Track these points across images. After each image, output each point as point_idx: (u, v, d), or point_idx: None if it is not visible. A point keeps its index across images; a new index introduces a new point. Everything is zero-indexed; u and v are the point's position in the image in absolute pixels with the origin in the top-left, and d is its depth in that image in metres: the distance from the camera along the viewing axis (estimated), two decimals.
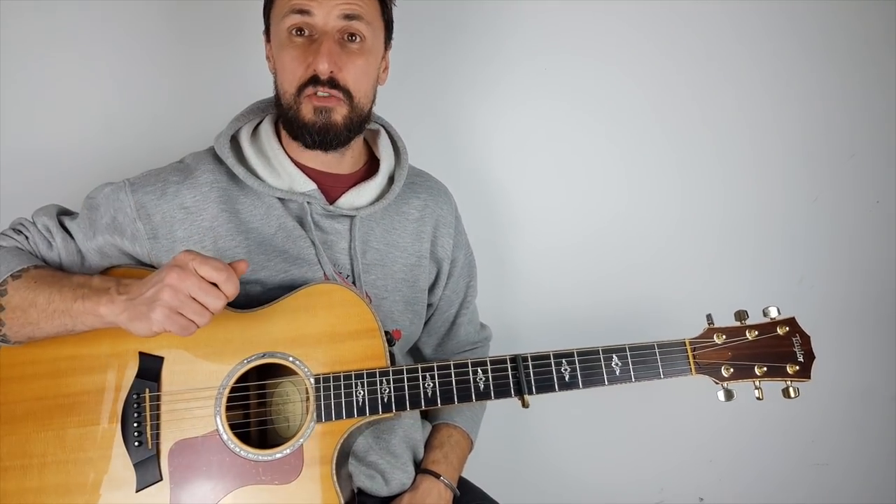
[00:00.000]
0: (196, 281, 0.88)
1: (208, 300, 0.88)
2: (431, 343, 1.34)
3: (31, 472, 0.99)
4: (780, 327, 1.05)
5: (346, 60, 1.06)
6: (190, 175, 1.10)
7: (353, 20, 1.06)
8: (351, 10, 1.05)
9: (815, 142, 1.62)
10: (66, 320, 0.97)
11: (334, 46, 1.05)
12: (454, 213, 1.29)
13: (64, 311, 0.97)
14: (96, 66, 1.42)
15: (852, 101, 1.62)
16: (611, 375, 1.02)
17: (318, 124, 1.06)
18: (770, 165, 1.61)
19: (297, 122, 1.07)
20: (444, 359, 1.32)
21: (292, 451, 0.99)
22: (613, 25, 1.56)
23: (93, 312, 0.95)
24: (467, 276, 1.32)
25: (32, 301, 0.98)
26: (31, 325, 0.99)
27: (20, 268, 1.02)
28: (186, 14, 1.44)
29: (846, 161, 1.63)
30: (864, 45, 1.62)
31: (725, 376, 1.03)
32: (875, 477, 1.64)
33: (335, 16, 1.05)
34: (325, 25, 1.05)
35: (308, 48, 1.05)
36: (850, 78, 1.62)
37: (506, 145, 1.56)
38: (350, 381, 1.01)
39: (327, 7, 1.04)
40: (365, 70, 1.08)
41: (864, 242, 1.64)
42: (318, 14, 1.05)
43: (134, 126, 1.43)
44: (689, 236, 1.60)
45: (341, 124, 1.07)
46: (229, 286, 0.89)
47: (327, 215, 1.13)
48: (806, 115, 1.61)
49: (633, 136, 1.58)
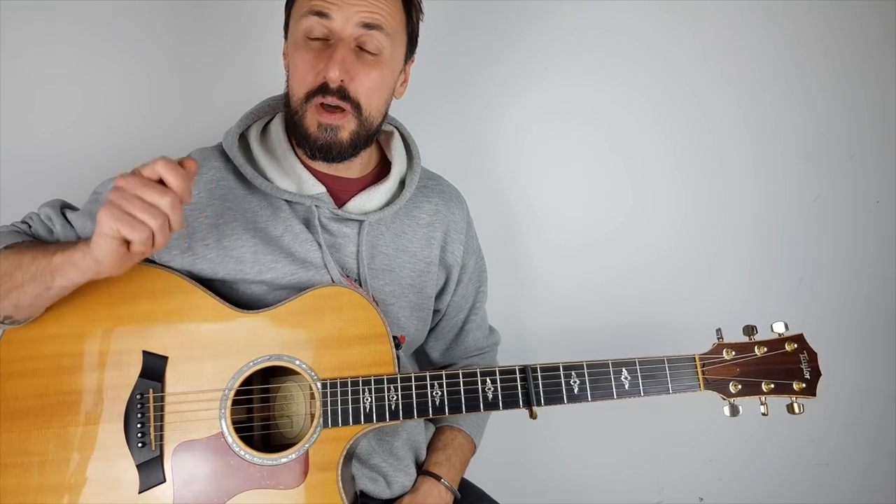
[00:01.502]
0: (139, 179, 0.83)
1: (155, 197, 0.83)
2: (439, 347, 1.33)
3: (31, 470, 0.98)
4: (789, 343, 1.05)
5: (360, 71, 1.01)
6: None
7: (374, 30, 1.01)
8: (372, 18, 1.00)
9: (815, 142, 1.61)
10: (46, 277, 0.93)
11: (348, 55, 1.00)
12: (466, 219, 1.27)
13: (45, 268, 0.93)
14: (97, 65, 1.38)
15: (852, 100, 1.61)
16: (620, 389, 1.02)
17: (321, 141, 1.03)
18: (770, 165, 1.60)
19: (300, 131, 1.04)
20: (452, 366, 1.34)
21: (298, 455, 0.98)
22: (616, 30, 1.54)
23: (69, 260, 0.91)
24: (477, 281, 1.31)
25: (18, 263, 0.95)
26: (17, 290, 0.95)
27: (13, 242, 1.00)
28: (187, 12, 1.40)
29: (846, 161, 1.63)
30: (865, 45, 1.61)
31: (733, 392, 1.03)
32: (875, 477, 1.65)
33: (354, 23, 1.00)
34: (342, 31, 1.01)
35: (322, 53, 1.01)
36: (850, 78, 1.61)
37: (520, 150, 1.54)
38: (357, 388, 1.00)
39: (348, 12, 1.00)
40: (379, 83, 1.04)
41: (865, 242, 1.64)
42: (336, 18, 1.00)
43: (135, 125, 1.39)
44: (691, 238, 1.59)
45: (347, 141, 1.04)
46: (176, 180, 0.83)
47: (335, 219, 1.11)
48: (806, 115, 1.60)
49: (636, 141, 1.57)
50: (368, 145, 1.10)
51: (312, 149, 1.04)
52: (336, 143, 1.03)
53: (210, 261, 1.05)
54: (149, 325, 1.01)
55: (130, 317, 1.02)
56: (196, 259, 1.05)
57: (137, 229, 0.83)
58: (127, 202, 0.83)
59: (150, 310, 1.02)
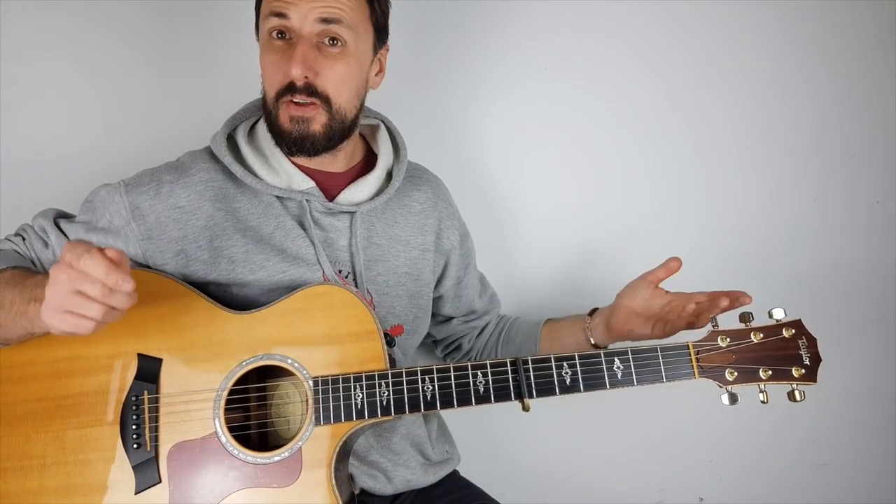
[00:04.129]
0: (68, 270, 0.82)
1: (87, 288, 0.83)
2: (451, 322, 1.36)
3: (30, 473, 0.99)
4: (786, 329, 1.03)
5: (324, 65, 1.02)
6: (185, 174, 1.09)
7: (332, 24, 1.02)
8: (329, 13, 1.01)
9: (815, 142, 1.60)
10: (25, 323, 0.94)
11: (309, 51, 1.01)
12: (454, 205, 1.30)
13: (23, 314, 0.94)
14: (93, 67, 1.41)
15: (852, 101, 1.60)
16: (612, 379, 1.00)
17: (294, 134, 1.04)
18: (770, 165, 1.59)
19: (276, 128, 1.06)
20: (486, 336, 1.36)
21: (291, 453, 0.99)
22: (613, 26, 1.54)
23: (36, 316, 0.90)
24: (467, 255, 1.33)
25: (0, 302, 0.97)
26: (2, 328, 0.97)
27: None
28: (183, 15, 1.43)
29: (846, 161, 1.61)
30: (865, 45, 1.59)
31: (729, 380, 1.01)
32: (875, 477, 1.63)
33: (312, 19, 1.01)
34: (301, 29, 1.02)
35: (285, 53, 1.02)
36: (850, 78, 1.59)
37: (505, 143, 1.54)
38: (349, 384, 1.00)
39: (304, 10, 1.01)
40: (345, 76, 1.05)
41: (864, 242, 1.63)
42: (294, 17, 1.01)
43: (132, 127, 1.42)
44: (690, 238, 1.58)
45: (320, 133, 1.05)
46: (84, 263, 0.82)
47: (327, 213, 1.12)
48: (806, 115, 1.59)
49: (631, 136, 1.56)
50: (346, 137, 1.11)
51: (288, 143, 1.06)
52: (309, 136, 1.05)
53: (203, 262, 1.07)
54: (143, 327, 1.02)
55: (125, 320, 1.01)
56: (189, 262, 1.06)
57: (78, 326, 0.85)
58: (67, 302, 0.84)
59: (144, 313, 1.03)
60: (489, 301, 1.39)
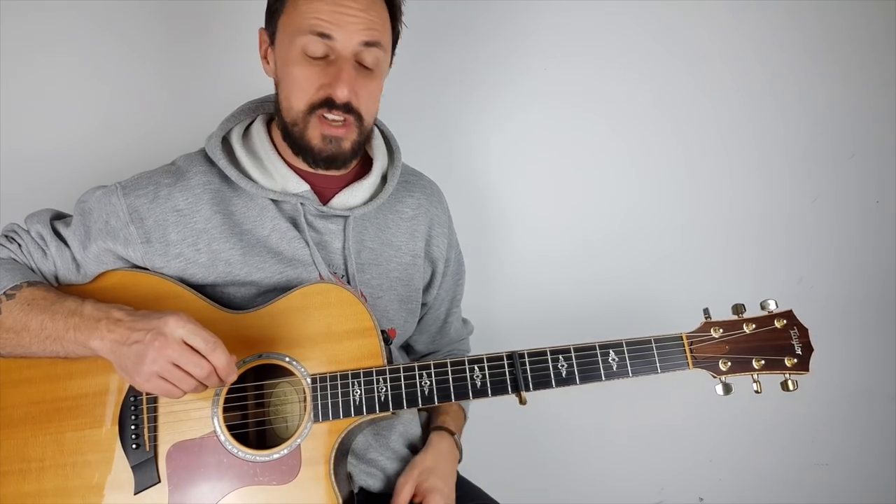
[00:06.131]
0: (179, 349, 0.89)
1: (191, 368, 0.90)
2: (423, 340, 1.34)
3: (29, 476, 0.99)
4: (778, 320, 1.04)
5: (362, 85, 1.05)
6: (182, 177, 1.10)
7: (373, 47, 1.04)
8: (372, 36, 1.03)
9: (815, 142, 1.62)
10: (56, 347, 0.98)
11: (353, 73, 1.03)
12: (447, 213, 1.30)
13: (56, 339, 0.98)
14: (91, 68, 1.42)
15: (852, 101, 1.62)
16: (608, 371, 1.01)
17: (326, 153, 1.07)
18: (770, 165, 1.61)
19: (303, 143, 1.07)
20: (434, 354, 1.36)
21: (290, 451, 0.99)
22: (611, 26, 1.56)
23: (84, 345, 0.96)
24: (457, 274, 1.34)
25: (25, 325, 0.99)
26: (23, 348, 1.00)
27: (13, 285, 1.02)
28: (182, 16, 1.44)
29: (846, 161, 1.63)
30: (865, 45, 1.62)
31: (723, 370, 1.02)
32: (875, 477, 1.64)
33: (356, 42, 1.03)
34: (344, 50, 1.03)
35: (325, 70, 1.03)
36: (850, 78, 1.62)
37: (501, 145, 1.56)
38: (347, 381, 1.01)
39: (349, 32, 1.02)
40: (375, 93, 1.08)
41: (864, 242, 1.64)
42: (339, 39, 1.02)
43: (130, 127, 1.43)
44: (688, 236, 1.60)
45: (349, 151, 1.08)
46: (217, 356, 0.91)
47: (321, 216, 1.13)
48: (806, 115, 1.61)
49: (631, 136, 1.58)
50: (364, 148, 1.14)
51: (317, 160, 1.08)
52: (341, 154, 1.07)
53: (201, 265, 1.07)
54: None
55: None
56: (187, 264, 1.07)
57: (170, 393, 0.93)
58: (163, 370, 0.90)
59: None
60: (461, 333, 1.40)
